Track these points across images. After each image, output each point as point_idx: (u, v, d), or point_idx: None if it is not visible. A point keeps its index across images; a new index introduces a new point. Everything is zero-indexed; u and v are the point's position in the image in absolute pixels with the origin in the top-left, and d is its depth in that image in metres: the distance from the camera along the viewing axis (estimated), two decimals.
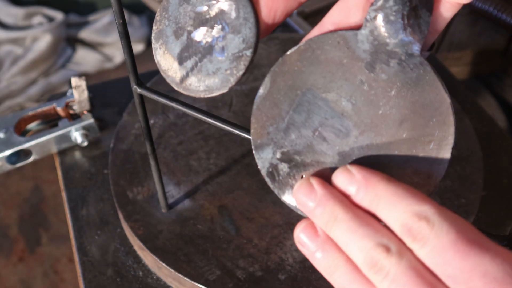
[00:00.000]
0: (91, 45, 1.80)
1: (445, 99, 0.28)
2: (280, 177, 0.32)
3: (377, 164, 0.30)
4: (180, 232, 0.54)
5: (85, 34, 1.78)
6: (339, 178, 0.29)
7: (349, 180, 0.28)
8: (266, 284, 0.50)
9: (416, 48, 0.28)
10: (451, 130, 0.28)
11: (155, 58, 0.33)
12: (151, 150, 0.49)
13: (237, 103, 0.68)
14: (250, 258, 0.52)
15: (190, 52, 0.32)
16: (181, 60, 0.32)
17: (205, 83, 0.32)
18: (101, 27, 1.79)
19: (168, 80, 0.33)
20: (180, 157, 0.61)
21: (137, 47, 1.78)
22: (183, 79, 0.32)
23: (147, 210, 0.56)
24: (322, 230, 0.29)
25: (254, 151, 0.32)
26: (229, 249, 0.52)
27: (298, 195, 0.30)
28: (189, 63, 0.32)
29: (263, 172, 0.32)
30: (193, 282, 0.50)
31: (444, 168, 0.29)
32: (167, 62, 0.32)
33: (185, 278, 0.50)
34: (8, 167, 0.64)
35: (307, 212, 0.30)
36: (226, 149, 0.62)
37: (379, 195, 0.27)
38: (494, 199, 0.59)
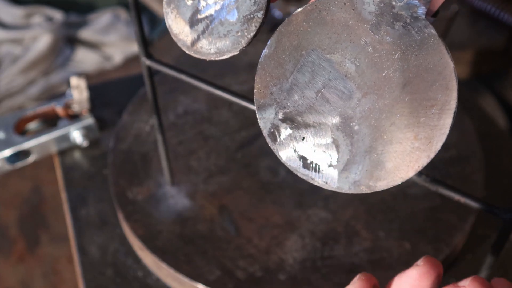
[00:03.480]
0: (90, 45, 1.80)
1: (449, 63, 0.28)
2: (281, 138, 0.32)
3: (378, 127, 0.30)
4: (180, 232, 0.54)
5: (84, 33, 1.78)
6: None
7: None
8: (266, 284, 0.50)
9: (421, 11, 0.28)
10: (454, 95, 0.28)
11: (166, 22, 0.33)
12: (158, 123, 0.50)
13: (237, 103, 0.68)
14: (250, 258, 0.51)
15: (201, 16, 0.32)
16: (192, 23, 0.33)
17: (216, 45, 0.32)
18: (101, 27, 1.79)
19: (179, 44, 0.33)
20: (180, 157, 0.61)
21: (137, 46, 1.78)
22: (194, 42, 0.33)
23: (147, 210, 0.56)
24: None
25: (256, 111, 0.32)
26: (229, 249, 0.52)
27: None
28: (200, 26, 0.33)
29: (265, 133, 0.32)
30: (193, 282, 0.50)
31: (445, 134, 0.28)
32: (178, 26, 0.33)
33: (185, 278, 0.50)
34: (8, 167, 0.64)
35: None
36: (226, 149, 0.62)
37: None
38: (494, 199, 0.59)
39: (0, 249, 1.29)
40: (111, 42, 1.79)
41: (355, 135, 0.30)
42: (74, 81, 0.67)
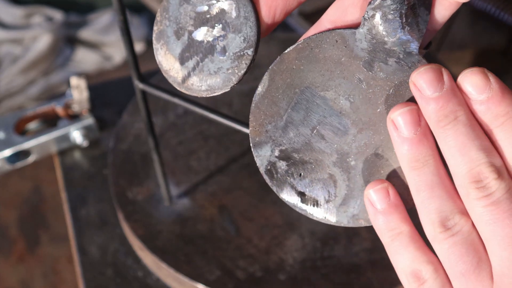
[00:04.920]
0: (90, 45, 1.80)
1: None
2: (279, 175, 0.32)
3: (375, 162, 0.30)
4: (180, 232, 0.54)
5: (84, 33, 1.78)
6: (472, 79, 0.26)
7: (484, 85, 0.25)
8: (266, 284, 0.50)
9: (414, 46, 0.28)
10: None
11: (156, 58, 0.33)
12: (154, 144, 0.49)
13: (237, 103, 0.68)
14: (250, 258, 0.51)
15: (191, 52, 0.32)
16: (182, 60, 0.32)
17: (207, 82, 0.32)
18: (101, 27, 1.79)
19: (170, 80, 0.33)
20: (180, 157, 0.61)
21: (137, 47, 1.78)
22: (184, 79, 0.32)
23: (147, 210, 0.56)
24: (426, 123, 0.27)
25: (252, 149, 0.32)
26: (229, 249, 0.52)
27: (420, 78, 0.26)
28: (190, 63, 0.32)
29: (262, 170, 0.32)
30: (193, 282, 0.50)
31: None
32: (168, 63, 0.33)
33: (185, 278, 0.50)
34: (8, 167, 0.64)
35: (424, 99, 0.26)
36: (226, 149, 0.62)
37: (508, 114, 0.25)
38: None
39: (0, 249, 1.29)
40: (111, 42, 1.79)
41: (352, 170, 0.30)
42: (74, 81, 0.67)
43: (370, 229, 0.54)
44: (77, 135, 0.65)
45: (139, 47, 1.81)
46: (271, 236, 0.53)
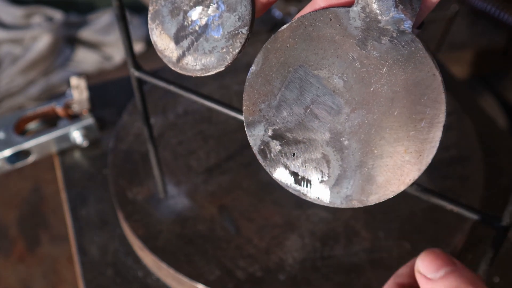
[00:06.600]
0: (90, 45, 1.80)
1: (437, 77, 0.28)
2: (272, 155, 0.32)
3: (368, 141, 0.30)
4: (180, 232, 0.54)
5: (84, 33, 1.78)
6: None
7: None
8: (266, 284, 0.50)
9: (407, 25, 0.28)
10: (443, 108, 0.28)
11: (151, 38, 0.33)
12: (149, 134, 0.49)
13: (237, 103, 0.68)
14: (250, 258, 0.51)
15: (186, 32, 0.32)
16: (177, 39, 0.32)
17: (201, 62, 0.32)
18: (101, 27, 1.79)
19: (165, 60, 0.33)
20: (180, 157, 0.61)
21: (137, 47, 1.78)
22: (179, 59, 0.33)
23: (147, 210, 0.56)
24: None
25: (246, 128, 0.32)
26: (229, 249, 0.52)
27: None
28: (185, 43, 0.32)
29: (255, 150, 0.32)
30: (193, 282, 0.50)
31: (435, 147, 0.29)
32: (163, 42, 0.33)
33: (185, 278, 0.50)
34: (8, 167, 0.64)
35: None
36: (226, 149, 0.62)
37: None
38: (494, 199, 0.59)
39: (0, 249, 1.29)
40: (111, 42, 1.79)
41: (345, 150, 0.30)
42: (74, 81, 0.67)
43: (369, 229, 0.54)
44: (77, 135, 0.65)
45: (139, 47, 1.81)
46: (271, 236, 0.53)
